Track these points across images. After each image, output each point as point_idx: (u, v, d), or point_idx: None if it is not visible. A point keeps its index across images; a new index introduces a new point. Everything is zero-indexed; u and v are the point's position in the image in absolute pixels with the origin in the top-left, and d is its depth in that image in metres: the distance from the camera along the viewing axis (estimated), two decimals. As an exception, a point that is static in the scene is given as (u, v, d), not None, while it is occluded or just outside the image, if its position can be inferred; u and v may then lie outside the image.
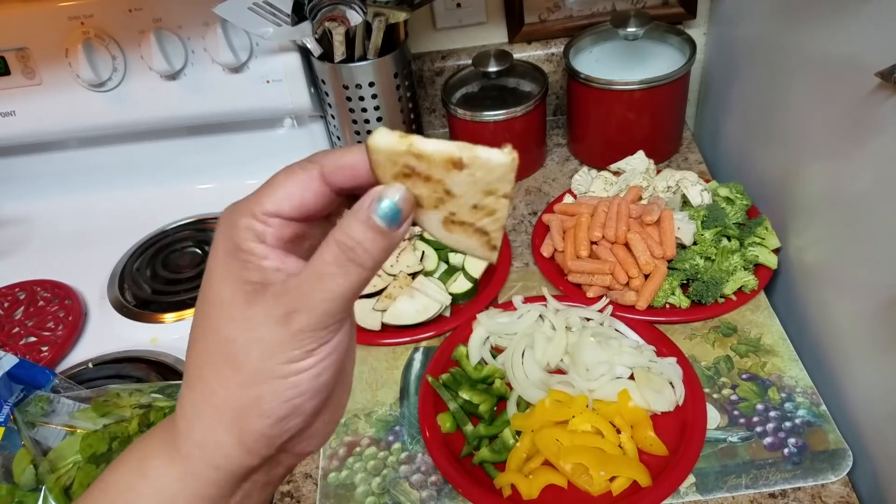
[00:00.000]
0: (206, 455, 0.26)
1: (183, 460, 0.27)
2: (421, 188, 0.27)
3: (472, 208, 0.28)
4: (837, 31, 0.55)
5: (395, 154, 0.26)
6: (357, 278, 0.25)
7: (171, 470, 0.27)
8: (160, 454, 0.27)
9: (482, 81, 0.86)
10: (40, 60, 0.81)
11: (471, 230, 0.29)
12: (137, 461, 0.28)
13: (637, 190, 0.73)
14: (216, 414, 0.26)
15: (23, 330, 0.77)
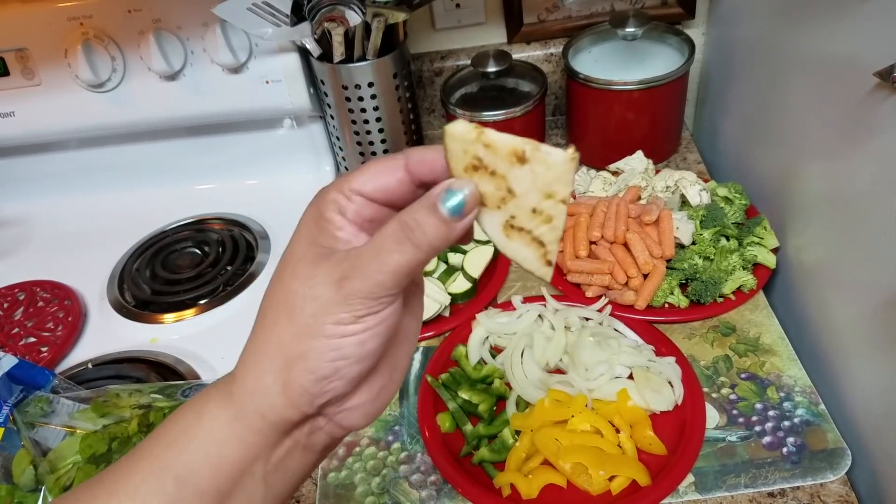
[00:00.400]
0: (254, 401, 0.28)
1: (234, 405, 0.28)
2: (487, 184, 0.28)
3: (532, 212, 0.29)
4: (836, 31, 0.55)
5: (467, 142, 0.28)
6: (411, 257, 0.27)
7: (223, 413, 0.28)
8: (216, 400, 0.29)
9: (481, 82, 0.86)
10: (39, 61, 0.81)
11: (528, 238, 0.29)
12: (195, 406, 0.29)
13: (636, 190, 0.74)
14: (268, 361, 0.28)
15: (22, 330, 0.77)
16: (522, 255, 0.30)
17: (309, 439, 0.30)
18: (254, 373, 0.28)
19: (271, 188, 0.94)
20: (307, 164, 0.94)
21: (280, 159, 0.93)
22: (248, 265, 0.82)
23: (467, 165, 0.28)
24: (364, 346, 0.27)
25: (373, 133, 0.83)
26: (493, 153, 0.28)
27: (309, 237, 0.28)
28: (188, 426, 0.29)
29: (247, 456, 0.28)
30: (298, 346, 0.27)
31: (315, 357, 0.27)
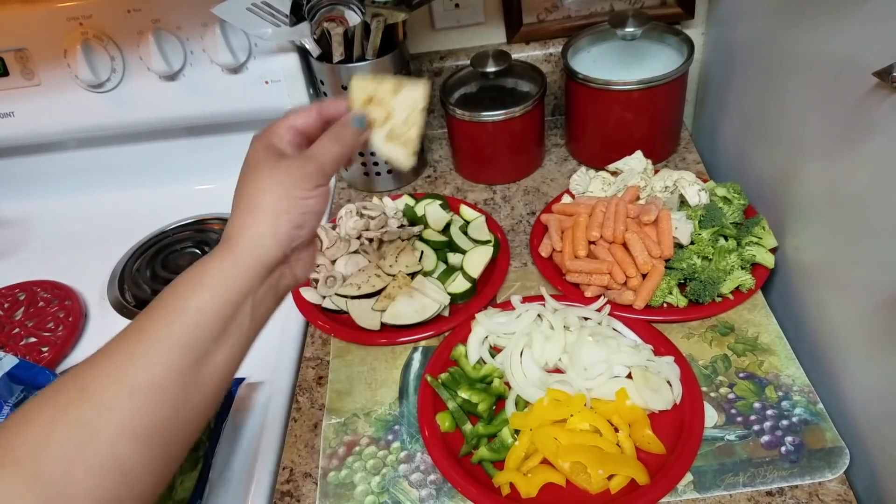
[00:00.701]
0: (251, 247, 0.40)
1: (234, 255, 0.40)
2: (375, 111, 0.48)
3: (403, 123, 0.48)
4: (835, 31, 0.55)
5: (366, 85, 0.48)
6: (340, 150, 0.45)
7: (225, 264, 0.40)
8: (216, 257, 0.40)
9: (480, 82, 0.86)
10: (39, 61, 0.81)
11: (400, 142, 0.48)
12: (199, 266, 0.40)
13: (635, 190, 0.74)
14: (262, 217, 0.41)
15: (23, 330, 0.77)
16: (396, 153, 0.49)
17: (279, 281, 0.43)
18: (252, 227, 0.41)
19: (271, 188, 0.93)
20: (307, 163, 0.94)
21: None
22: (247, 265, 0.82)
23: (364, 100, 0.48)
24: (318, 205, 0.43)
25: (372, 133, 0.83)
26: (381, 90, 0.48)
27: (265, 149, 0.43)
28: (197, 279, 0.39)
29: (243, 289, 0.40)
30: (282, 204, 0.41)
31: (294, 210, 0.41)
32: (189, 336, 0.37)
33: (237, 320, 0.40)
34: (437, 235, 0.75)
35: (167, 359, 0.36)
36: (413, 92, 0.48)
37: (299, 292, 0.73)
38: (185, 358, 0.37)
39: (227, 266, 0.40)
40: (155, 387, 0.35)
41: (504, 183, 0.87)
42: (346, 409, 0.63)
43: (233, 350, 0.40)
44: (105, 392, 0.35)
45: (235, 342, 0.40)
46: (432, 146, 0.96)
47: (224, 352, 0.39)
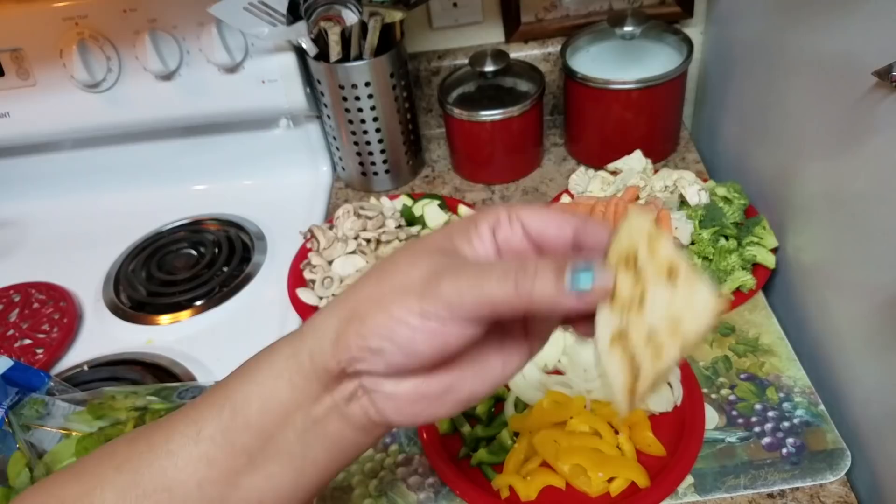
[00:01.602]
0: (311, 339, 0.29)
1: (296, 342, 0.30)
2: (625, 283, 0.27)
3: (648, 341, 0.27)
4: (835, 31, 0.55)
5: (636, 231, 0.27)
6: (504, 295, 0.26)
7: (286, 349, 0.30)
8: (287, 339, 0.31)
9: (479, 81, 0.85)
10: (34, 61, 0.80)
11: (628, 360, 0.27)
12: (273, 345, 0.31)
13: (634, 190, 0.73)
14: (339, 309, 0.29)
15: (17, 332, 0.76)
16: (613, 373, 0.28)
17: (347, 406, 0.30)
18: (324, 315, 0.30)
19: (267, 189, 0.93)
20: (303, 164, 0.93)
21: (276, 159, 0.93)
22: (244, 266, 0.81)
23: (623, 255, 0.27)
24: (415, 344, 0.27)
25: (370, 133, 0.83)
26: (651, 255, 0.27)
27: (448, 232, 0.29)
28: (259, 360, 0.31)
29: (293, 399, 0.29)
30: (365, 307, 0.28)
31: (370, 325, 0.27)
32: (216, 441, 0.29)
33: (282, 438, 0.29)
34: (435, 236, 0.75)
35: (186, 463, 0.29)
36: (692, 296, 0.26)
37: (296, 293, 0.72)
38: (208, 470, 0.29)
39: (281, 358, 0.30)
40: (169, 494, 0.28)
41: (502, 183, 0.87)
42: (344, 411, 0.62)
43: (275, 480, 0.30)
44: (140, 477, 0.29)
45: (279, 470, 0.30)
46: (430, 146, 0.96)
47: (262, 478, 0.29)
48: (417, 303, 0.27)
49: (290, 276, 0.75)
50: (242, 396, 0.29)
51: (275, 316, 0.74)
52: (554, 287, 0.26)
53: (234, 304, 0.77)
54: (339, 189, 0.91)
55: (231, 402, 0.29)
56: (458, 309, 0.26)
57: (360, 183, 0.89)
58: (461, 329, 0.27)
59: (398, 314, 0.27)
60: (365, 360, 0.28)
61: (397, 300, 0.27)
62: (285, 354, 0.30)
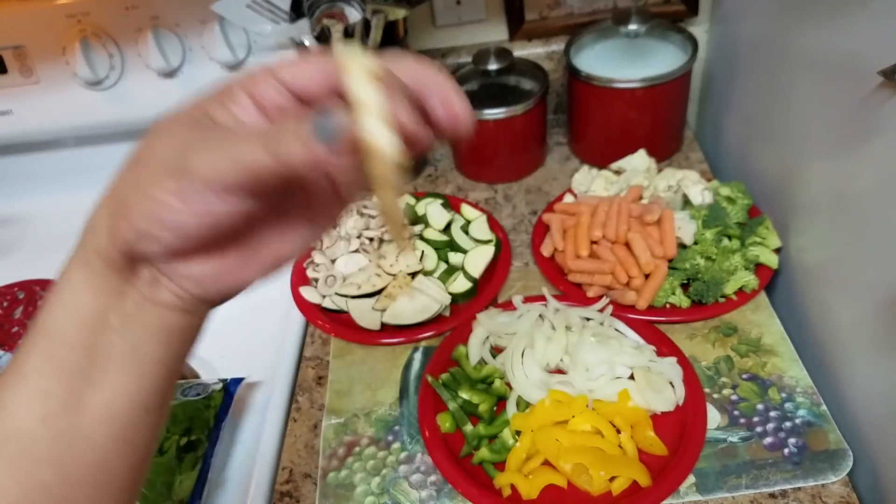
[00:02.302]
0: (92, 238, 0.28)
1: (81, 249, 0.29)
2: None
3: None
4: (840, 29, 0.55)
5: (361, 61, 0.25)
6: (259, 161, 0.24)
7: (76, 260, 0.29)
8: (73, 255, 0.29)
9: (482, 79, 0.85)
10: (37, 59, 0.81)
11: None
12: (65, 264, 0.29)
13: (638, 189, 0.73)
14: (108, 201, 0.28)
15: (22, 329, 0.77)
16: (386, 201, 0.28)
17: (153, 293, 0.29)
18: (96, 212, 0.29)
19: (271, 186, 0.93)
20: (307, 161, 0.93)
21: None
22: (247, 264, 0.81)
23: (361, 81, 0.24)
24: (183, 225, 0.26)
25: (373, 131, 0.83)
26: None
27: (202, 102, 0.27)
28: (54, 286, 0.29)
29: (97, 301, 0.28)
30: (126, 194, 0.27)
31: (134, 212, 0.26)
32: (44, 375, 0.28)
33: (106, 346, 0.28)
34: (438, 235, 0.75)
35: (23, 407, 0.27)
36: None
37: (299, 292, 0.72)
38: (46, 405, 0.27)
39: (74, 267, 0.29)
40: (14, 444, 0.27)
41: (505, 182, 0.87)
42: (346, 409, 0.63)
43: (117, 391, 0.28)
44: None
45: (118, 379, 0.28)
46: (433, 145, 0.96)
47: (104, 393, 0.28)
48: (174, 182, 0.25)
49: (292, 274, 0.75)
50: (52, 320, 0.28)
51: (277, 314, 0.74)
52: (300, 142, 0.23)
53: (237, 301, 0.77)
54: (342, 187, 0.91)
55: (43, 331, 0.28)
56: (215, 182, 0.25)
57: (362, 181, 0.89)
58: (227, 204, 0.26)
59: (158, 196, 0.25)
60: (141, 245, 0.27)
61: (155, 182, 0.26)
62: (76, 266, 0.29)
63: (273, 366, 0.68)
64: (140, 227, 0.26)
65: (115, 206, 0.27)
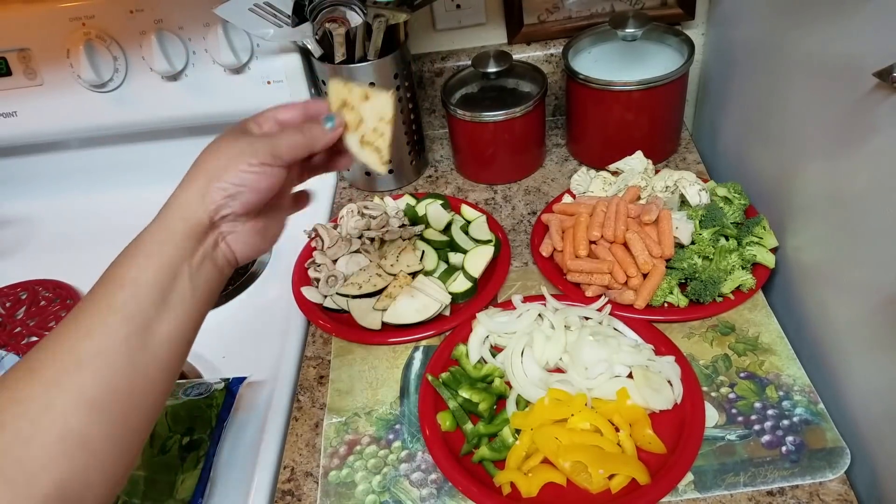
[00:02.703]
0: (179, 209, 0.41)
1: (165, 220, 0.41)
2: (349, 115, 0.49)
3: (373, 131, 0.49)
4: (835, 32, 0.55)
5: (340, 90, 0.50)
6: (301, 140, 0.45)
7: (157, 229, 0.41)
8: (152, 224, 0.41)
9: (482, 82, 0.86)
10: (42, 61, 0.81)
11: (371, 148, 0.50)
12: (139, 235, 0.41)
13: (635, 190, 0.74)
14: (196, 182, 0.42)
15: (25, 330, 0.77)
16: (370, 159, 0.49)
17: (213, 252, 0.43)
18: (184, 191, 0.42)
19: (272, 188, 0.94)
20: (308, 164, 0.94)
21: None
22: (249, 264, 0.82)
23: (339, 104, 0.50)
24: (258, 182, 0.43)
25: (374, 133, 0.83)
26: (352, 96, 0.49)
27: (237, 127, 0.46)
28: (133, 249, 0.40)
29: (178, 255, 0.40)
30: (218, 172, 0.42)
31: (226, 179, 0.41)
32: (129, 306, 0.38)
33: (177, 288, 0.40)
34: (438, 235, 0.75)
35: (111, 329, 0.37)
36: (379, 102, 0.48)
37: (300, 292, 0.73)
38: (129, 327, 0.37)
39: (158, 231, 0.40)
40: (101, 357, 0.36)
41: (505, 183, 0.88)
42: (347, 408, 0.63)
43: (179, 320, 0.40)
44: (52, 368, 0.35)
45: (181, 312, 0.40)
46: (433, 146, 0.96)
47: (169, 321, 0.39)
48: (255, 157, 0.42)
49: (294, 274, 0.76)
50: (136, 268, 0.39)
51: (279, 314, 0.75)
52: (320, 129, 0.47)
53: (240, 301, 0.78)
54: (343, 188, 0.92)
55: (128, 275, 0.39)
56: (278, 157, 0.43)
57: (363, 182, 0.90)
58: (280, 172, 0.44)
59: (244, 168, 0.42)
60: (227, 206, 0.42)
61: (241, 160, 0.42)
62: (159, 229, 0.41)
63: (275, 365, 0.68)
64: (230, 191, 0.42)
65: (210, 178, 0.41)
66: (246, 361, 0.71)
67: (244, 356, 0.71)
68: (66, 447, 0.34)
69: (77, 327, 0.37)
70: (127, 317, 0.37)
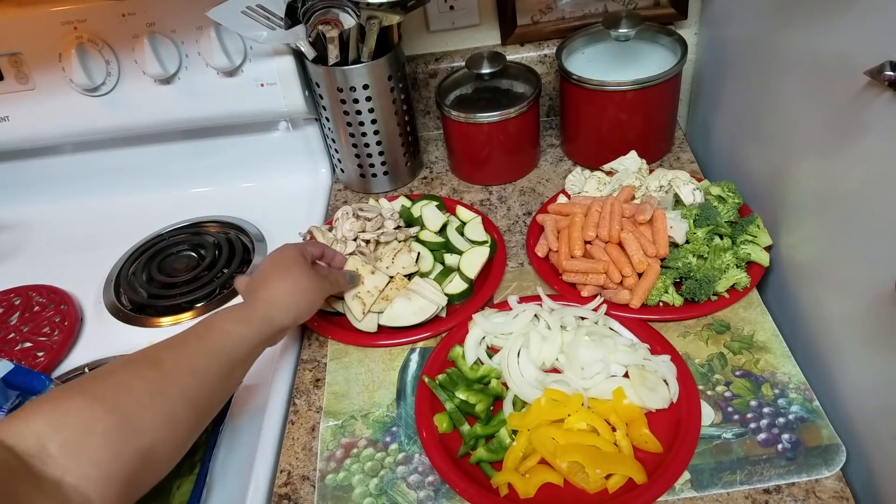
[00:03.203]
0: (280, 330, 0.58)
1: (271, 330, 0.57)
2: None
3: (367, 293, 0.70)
4: (827, 30, 0.56)
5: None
6: (338, 288, 0.68)
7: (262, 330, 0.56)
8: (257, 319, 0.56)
9: (476, 83, 0.86)
10: (34, 65, 0.81)
11: (359, 301, 0.69)
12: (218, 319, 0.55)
13: (630, 189, 0.74)
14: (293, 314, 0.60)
15: (18, 335, 0.77)
16: (354, 308, 0.68)
17: (273, 341, 0.59)
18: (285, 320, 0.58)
19: (267, 191, 0.94)
20: (303, 166, 0.94)
21: (276, 162, 0.94)
22: (244, 268, 0.82)
23: None
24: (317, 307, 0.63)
25: (368, 135, 0.83)
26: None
27: (301, 255, 0.63)
28: (216, 323, 0.54)
29: (258, 343, 0.56)
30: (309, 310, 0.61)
31: (311, 313, 0.62)
32: (230, 356, 0.53)
33: (248, 359, 0.56)
34: (433, 236, 0.75)
35: (216, 363, 0.51)
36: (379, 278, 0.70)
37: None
38: (226, 366, 0.52)
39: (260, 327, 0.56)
40: (207, 374, 0.50)
41: (500, 184, 0.88)
42: (344, 411, 0.63)
43: (244, 371, 0.56)
44: (174, 366, 0.48)
45: (248, 367, 0.56)
46: (428, 147, 0.96)
47: (242, 371, 0.55)
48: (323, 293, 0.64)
49: (289, 277, 0.76)
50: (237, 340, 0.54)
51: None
52: (344, 282, 0.68)
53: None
54: (338, 191, 0.92)
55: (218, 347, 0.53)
56: (330, 291, 0.65)
57: (358, 184, 0.90)
58: None
59: (319, 298, 0.63)
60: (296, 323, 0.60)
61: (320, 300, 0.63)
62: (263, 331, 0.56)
63: (271, 369, 0.68)
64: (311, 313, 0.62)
65: (297, 317, 0.60)
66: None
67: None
68: (167, 425, 0.45)
69: (196, 349, 0.51)
70: (227, 360, 0.52)
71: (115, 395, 0.43)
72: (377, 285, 0.69)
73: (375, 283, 0.69)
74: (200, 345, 0.51)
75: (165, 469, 0.46)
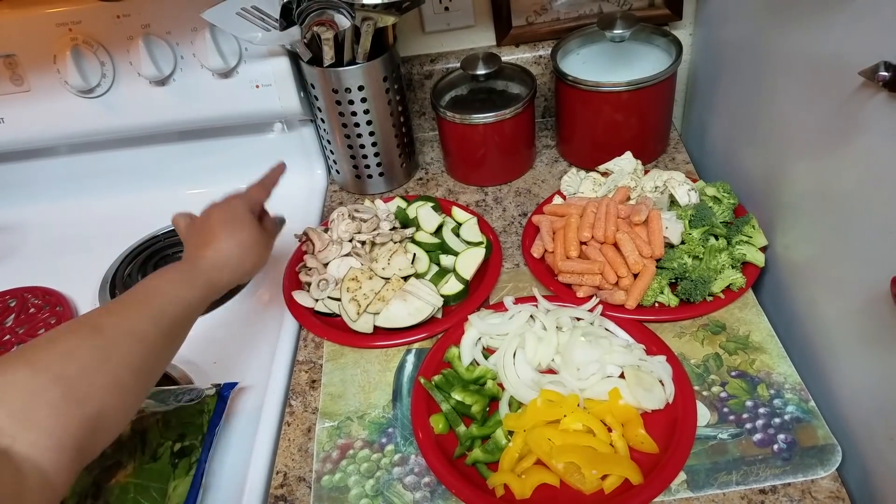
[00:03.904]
0: (225, 286, 0.58)
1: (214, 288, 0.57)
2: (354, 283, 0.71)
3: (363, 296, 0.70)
4: (821, 31, 0.56)
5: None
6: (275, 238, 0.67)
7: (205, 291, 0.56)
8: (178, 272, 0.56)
9: (471, 84, 0.86)
10: (28, 67, 0.81)
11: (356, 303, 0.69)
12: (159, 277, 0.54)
13: (625, 190, 0.74)
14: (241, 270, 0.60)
15: (14, 338, 0.76)
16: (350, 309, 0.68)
17: (219, 292, 0.58)
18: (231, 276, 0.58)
19: (263, 192, 0.93)
20: (298, 167, 0.94)
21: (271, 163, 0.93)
22: (240, 269, 0.81)
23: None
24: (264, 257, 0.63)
25: (363, 136, 0.83)
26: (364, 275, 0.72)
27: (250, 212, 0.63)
28: (158, 286, 0.53)
29: (202, 305, 0.55)
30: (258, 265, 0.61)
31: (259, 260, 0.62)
32: (174, 319, 0.52)
33: (198, 317, 0.56)
34: (429, 237, 0.75)
35: (159, 327, 0.50)
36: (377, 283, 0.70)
37: (292, 296, 0.73)
38: (169, 330, 0.52)
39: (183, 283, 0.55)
40: (150, 339, 0.49)
41: (495, 184, 0.88)
42: (340, 412, 0.63)
43: (187, 332, 0.55)
44: (116, 332, 0.47)
45: (190, 328, 0.55)
46: (424, 149, 0.96)
47: (185, 333, 0.54)
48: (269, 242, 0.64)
49: (285, 278, 0.76)
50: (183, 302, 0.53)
51: (271, 318, 0.74)
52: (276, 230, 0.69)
53: (230, 306, 0.77)
54: (334, 192, 0.92)
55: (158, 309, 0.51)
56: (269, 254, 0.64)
57: (354, 186, 0.90)
58: None
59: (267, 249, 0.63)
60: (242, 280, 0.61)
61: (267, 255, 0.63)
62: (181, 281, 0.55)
63: (266, 370, 0.68)
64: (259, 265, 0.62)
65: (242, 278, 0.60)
66: (237, 367, 0.70)
67: (235, 361, 0.71)
68: (113, 392, 0.45)
69: (139, 313, 0.50)
70: (170, 324, 0.52)
71: (61, 364, 0.43)
72: (373, 287, 0.68)
73: (371, 285, 0.68)
74: (144, 309, 0.50)
75: (114, 434, 0.46)
